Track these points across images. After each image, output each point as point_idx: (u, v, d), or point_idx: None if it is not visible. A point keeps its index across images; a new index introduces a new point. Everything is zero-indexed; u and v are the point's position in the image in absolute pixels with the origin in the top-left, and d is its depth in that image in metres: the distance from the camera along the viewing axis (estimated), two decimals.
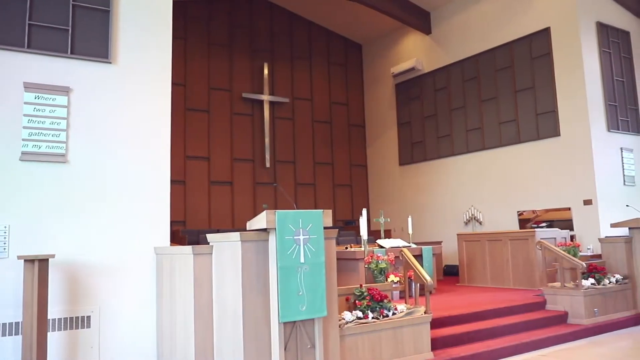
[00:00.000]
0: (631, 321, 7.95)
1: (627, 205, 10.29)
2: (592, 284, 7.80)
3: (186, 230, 12.77)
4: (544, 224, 11.59)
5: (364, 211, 8.53)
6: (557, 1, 11.76)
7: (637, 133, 12.06)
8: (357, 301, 5.33)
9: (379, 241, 9.37)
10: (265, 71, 15.24)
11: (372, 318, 5.24)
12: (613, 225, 8.73)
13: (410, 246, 9.22)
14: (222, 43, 14.82)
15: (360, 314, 5.20)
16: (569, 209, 11.30)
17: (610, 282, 8.03)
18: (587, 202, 10.99)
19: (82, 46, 5.55)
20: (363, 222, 8.39)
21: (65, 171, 5.35)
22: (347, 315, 5.12)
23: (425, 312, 5.64)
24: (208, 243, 4.84)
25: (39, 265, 4.61)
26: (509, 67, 12.76)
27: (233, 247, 4.43)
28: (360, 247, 8.79)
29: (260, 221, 4.29)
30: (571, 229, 11.04)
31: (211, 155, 14.25)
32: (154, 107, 5.91)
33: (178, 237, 12.10)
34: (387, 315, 5.36)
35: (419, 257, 8.98)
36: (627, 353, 6.37)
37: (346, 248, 9.33)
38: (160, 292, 5.50)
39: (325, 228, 4.48)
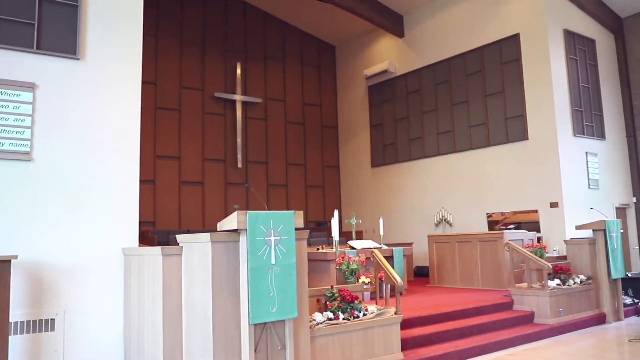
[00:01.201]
0: (594, 320, 8.16)
1: (591, 208, 10.56)
2: (557, 284, 7.99)
3: (155, 231, 12.58)
4: (512, 226, 11.81)
5: (336, 212, 8.54)
6: (526, 8, 12.01)
7: (601, 138, 12.41)
8: (328, 302, 5.33)
9: (350, 242, 9.39)
10: (238, 71, 15.14)
11: (343, 319, 5.24)
12: (578, 228, 8.95)
13: (381, 247, 9.27)
14: (195, 41, 14.66)
15: (331, 315, 5.20)
16: (536, 211, 11.55)
17: (575, 282, 8.23)
18: (554, 205, 11.25)
19: (48, 41, 5.40)
20: (335, 223, 8.39)
21: (29, 170, 5.20)
22: (318, 317, 5.11)
23: (395, 313, 5.68)
24: (178, 244, 4.77)
25: (0, 267, 4.46)
26: (480, 72, 12.97)
27: (203, 248, 4.38)
28: (332, 248, 8.80)
29: (231, 222, 4.25)
30: (538, 230, 11.29)
31: (182, 154, 14.07)
32: (123, 105, 5.80)
33: (147, 237, 11.90)
34: (358, 316, 5.37)
35: (389, 258, 9.04)
36: (590, 352, 6.54)
37: (317, 249, 9.33)
38: (128, 293, 5.39)
39: (296, 229, 4.47)
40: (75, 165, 5.43)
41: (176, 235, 4.89)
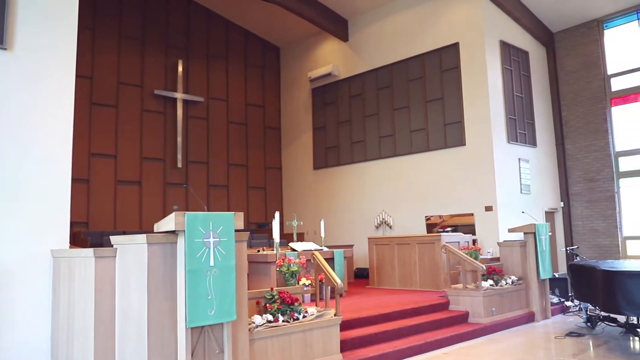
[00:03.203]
0: (524, 319, 8.53)
1: (522, 212, 11.03)
2: (490, 285, 8.29)
3: (88, 232, 12.07)
4: (449, 229, 12.17)
5: (277, 214, 8.50)
6: (465, 19, 12.44)
7: (533, 145, 13.02)
8: (267, 304, 5.28)
9: (291, 244, 9.37)
10: (180, 68, 14.79)
11: (283, 321, 5.21)
12: (510, 230, 9.34)
13: (322, 249, 9.30)
14: (134, 36, 14.20)
15: (270, 318, 5.15)
16: (472, 214, 11.95)
17: (507, 283, 8.57)
18: (488, 209, 11.69)
19: None
20: (276, 225, 8.35)
21: None
22: (257, 319, 5.05)
23: (335, 315, 5.70)
24: (112, 245, 4.58)
25: None
26: (421, 78, 13.30)
27: (139, 249, 4.23)
28: (273, 250, 8.74)
29: (168, 223, 4.13)
30: (474, 233, 11.68)
31: (118, 153, 13.57)
32: (55, 99, 5.50)
33: (79, 239, 11.41)
34: (298, 318, 5.35)
35: (330, 260, 9.08)
36: (520, 349, 6.82)
37: (258, 251, 9.25)
38: (56, 297, 5.12)
39: (236, 231, 4.40)
40: (1, 162, 5.10)
41: (110, 237, 4.69)
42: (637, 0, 12.45)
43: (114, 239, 4.58)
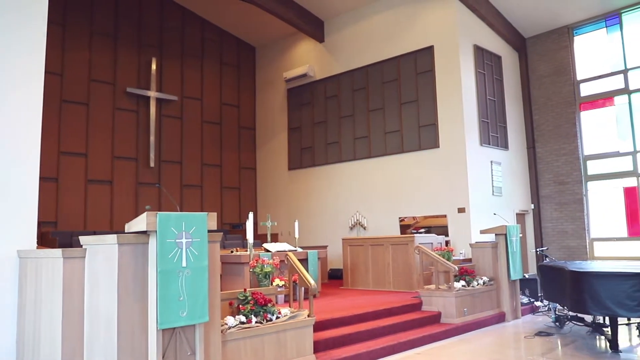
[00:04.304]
0: (495, 319, 8.66)
1: (494, 214, 11.21)
2: (462, 285, 8.39)
3: (57, 232, 11.79)
4: (422, 230, 12.28)
5: (251, 215, 8.45)
6: (440, 22, 12.57)
7: (505, 148, 13.23)
8: (240, 306, 5.24)
9: (265, 245, 9.33)
10: (153, 66, 14.58)
11: (256, 322, 5.17)
12: (482, 232, 9.49)
13: (296, 250, 9.28)
14: (107, 33, 13.94)
15: (243, 319, 5.11)
16: (445, 216, 12.08)
17: (478, 283, 8.68)
18: (461, 210, 11.83)
19: None
20: (249, 225, 8.30)
21: None
22: (230, 320, 5.01)
23: (308, 316, 5.69)
24: (81, 246, 4.48)
25: None
26: (396, 80, 13.39)
27: (109, 250, 4.14)
28: (246, 251, 8.68)
29: (140, 223, 4.06)
30: (447, 234, 11.81)
31: (89, 151, 13.29)
32: (23, 96, 5.36)
33: (47, 239, 11.14)
34: (271, 320, 5.32)
35: (304, 261, 9.08)
36: (491, 349, 6.92)
37: (232, 252, 9.17)
38: (23, 299, 4.98)
39: (209, 231, 4.35)
40: None
41: (80, 237, 4.58)
42: (606, 8, 12.78)
43: (83, 239, 4.48)
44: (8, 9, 5.35)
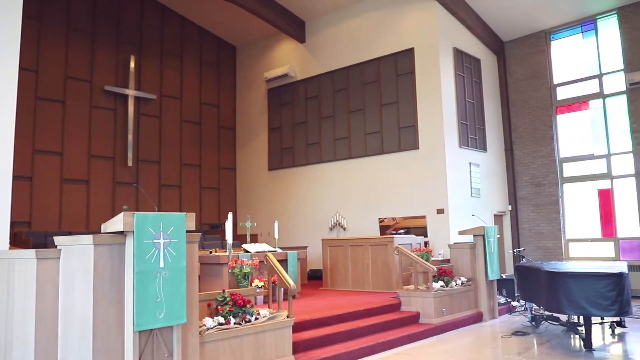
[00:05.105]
0: (473, 319, 8.75)
1: (472, 215, 11.32)
2: (441, 286, 8.46)
3: (31, 232, 11.55)
4: (402, 231, 12.34)
5: (230, 215, 8.39)
6: (421, 25, 12.66)
7: (483, 150, 13.38)
8: (219, 307, 5.19)
9: (244, 246, 9.26)
10: (132, 64, 14.39)
11: (235, 324, 5.13)
12: (460, 233, 9.58)
13: (275, 251, 9.24)
14: (84, 29, 13.71)
15: (222, 320, 5.06)
16: (425, 217, 12.17)
17: (457, 284, 8.76)
18: (440, 211, 11.92)
19: None
20: (229, 226, 8.24)
21: None
22: (208, 322, 4.96)
23: (287, 316, 5.67)
24: (56, 246, 4.39)
25: None
26: (376, 82, 13.45)
27: (84, 251, 4.07)
28: (225, 251, 8.62)
29: (116, 223, 4.00)
30: (426, 235, 11.89)
31: (65, 150, 13.05)
32: None
33: (21, 239, 10.91)
34: (250, 321, 5.29)
35: (284, 261, 9.04)
36: (469, 348, 6.99)
37: (210, 252, 9.09)
38: None
39: (188, 232, 4.31)
40: None
41: (54, 237, 4.49)
42: (582, 14, 13.02)
43: (58, 239, 4.39)
44: None
